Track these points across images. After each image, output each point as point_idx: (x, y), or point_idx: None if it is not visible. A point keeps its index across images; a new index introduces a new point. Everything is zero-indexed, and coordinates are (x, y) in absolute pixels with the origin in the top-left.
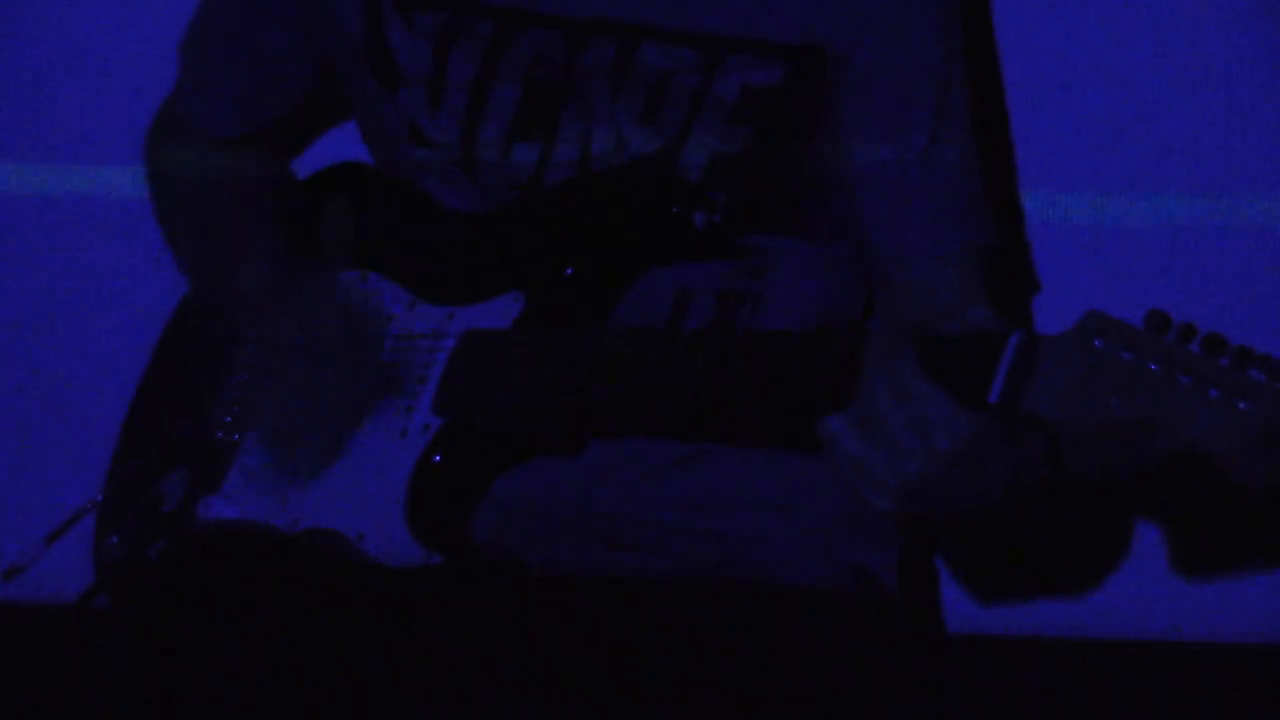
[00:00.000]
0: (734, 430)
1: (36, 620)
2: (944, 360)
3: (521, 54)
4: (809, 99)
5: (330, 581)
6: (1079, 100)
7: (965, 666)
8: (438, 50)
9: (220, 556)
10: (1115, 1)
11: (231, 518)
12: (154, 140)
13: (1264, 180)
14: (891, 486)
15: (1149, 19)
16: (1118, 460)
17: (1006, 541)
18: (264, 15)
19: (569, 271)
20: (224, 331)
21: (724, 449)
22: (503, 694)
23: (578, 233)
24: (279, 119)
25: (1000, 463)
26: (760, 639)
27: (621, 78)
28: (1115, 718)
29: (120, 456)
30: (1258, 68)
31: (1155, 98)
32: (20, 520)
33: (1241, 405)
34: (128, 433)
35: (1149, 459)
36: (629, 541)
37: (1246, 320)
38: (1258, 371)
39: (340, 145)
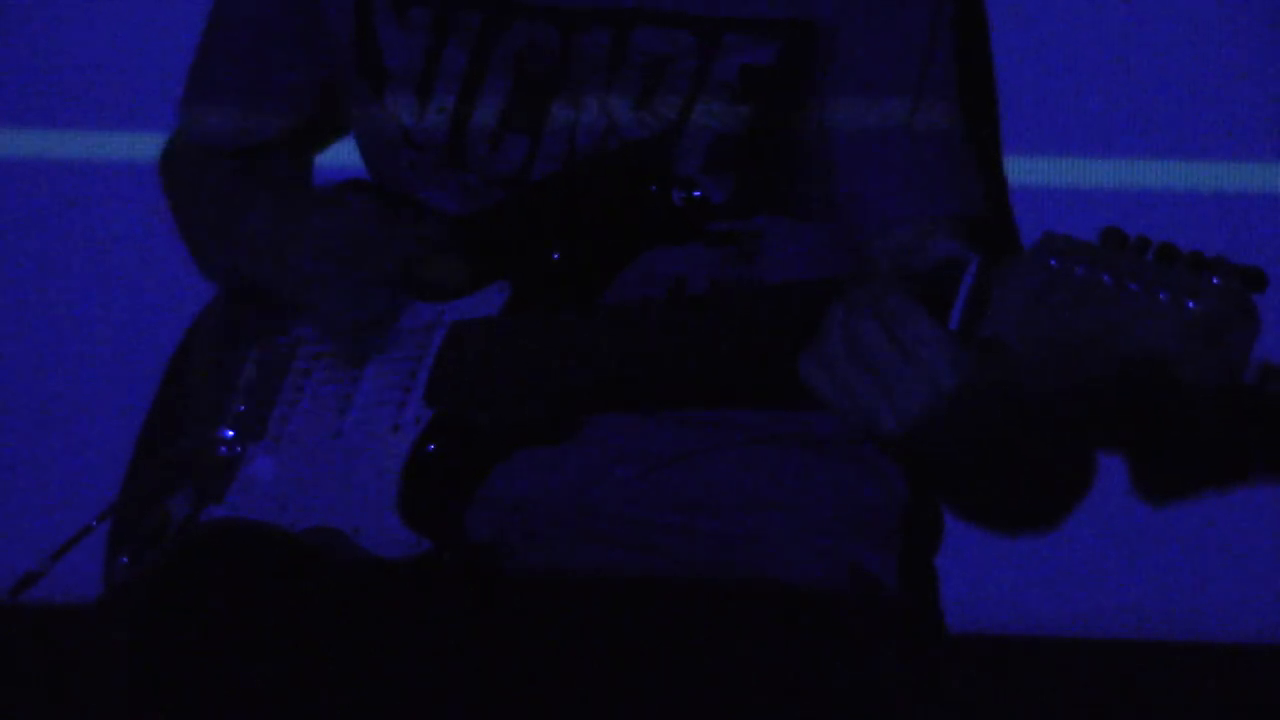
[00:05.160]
0: (725, 394)
1: (38, 620)
2: (914, 293)
3: (514, 43)
4: (804, 75)
5: (330, 579)
6: (1066, 68)
7: (965, 666)
8: (431, 44)
9: (220, 555)
10: None
11: (232, 517)
12: (164, 156)
13: (1248, 144)
14: (889, 423)
15: None
16: (1075, 374)
17: (976, 466)
18: (263, 29)
19: (555, 256)
20: (227, 350)
21: (723, 448)
22: (502, 694)
23: (561, 220)
24: (279, 131)
25: (971, 388)
26: (759, 639)
27: (618, 63)
28: (1115, 718)
29: (132, 475)
30: (1242, 32)
31: (1140, 64)
32: (27, 531)
33: (1190, 304)
34: (140, 452)
35: (1105, 369)
36: (628, 541)
37: None
38: (1208, 272)
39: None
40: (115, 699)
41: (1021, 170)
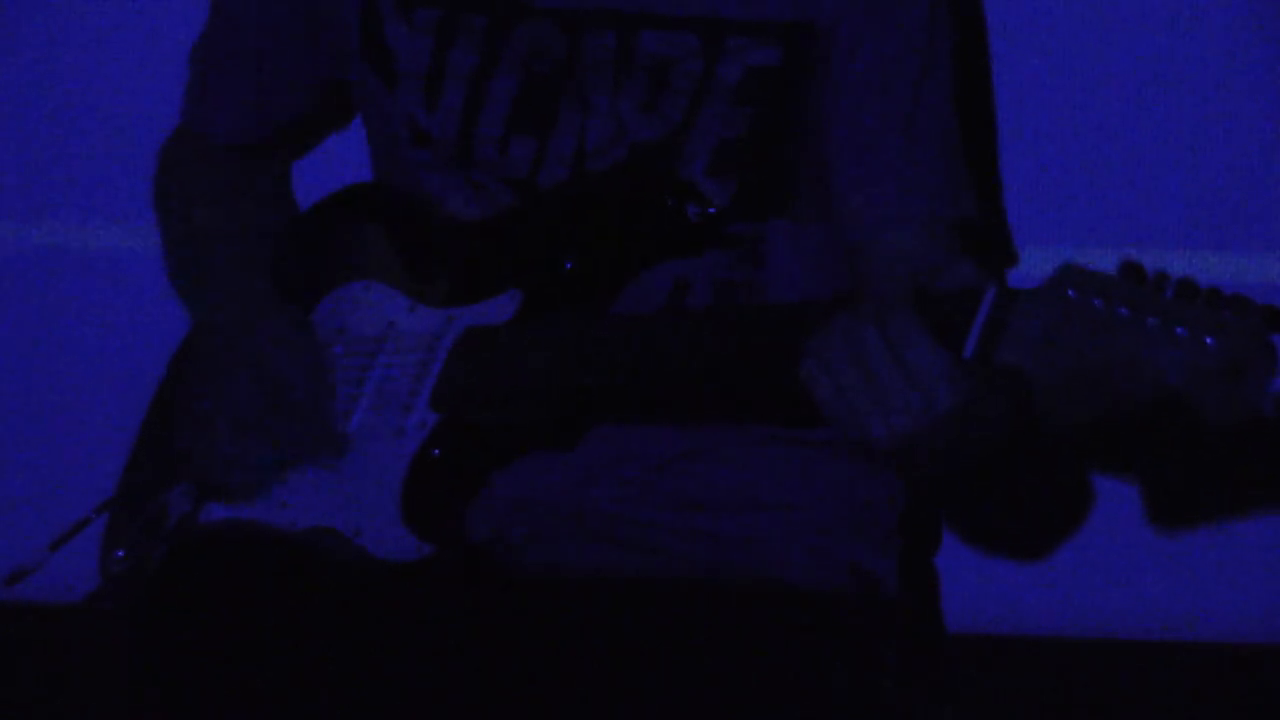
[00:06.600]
0: (730, 407)
1: (38, 620)
2: (924, 316)
3: (519, 45)
4: (806, 77)
5: (328, 579)
6: (1063, 80)
7: (965, 666)
8: (438, 44)
9: (220, 554)
10: None
11: (232, 517)
12: (163, 151)
13: (1256, 153)
14: (879, 433)
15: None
16: (1091, 406)
17: (983, 490)
18: (269, 24)
19: (567, 266)
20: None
21: (723, 448)
22: (502, 694)
23: (574, 230)
24: (281, 127)
25: (975, 414)
26: (759, 639)
27: (624, 66)
28: (1115, 718)
29: (131, 469)
30: (1247, 33)
31: (1142, 67)
32: (25, 524)
33: (1208, 340)
34: (139, 445)
35: (1120, 402)
36: (628, 541)
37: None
38: (1226, 309)
39: (340, 149)
40: (115, 699)
41: (1018, 171)
